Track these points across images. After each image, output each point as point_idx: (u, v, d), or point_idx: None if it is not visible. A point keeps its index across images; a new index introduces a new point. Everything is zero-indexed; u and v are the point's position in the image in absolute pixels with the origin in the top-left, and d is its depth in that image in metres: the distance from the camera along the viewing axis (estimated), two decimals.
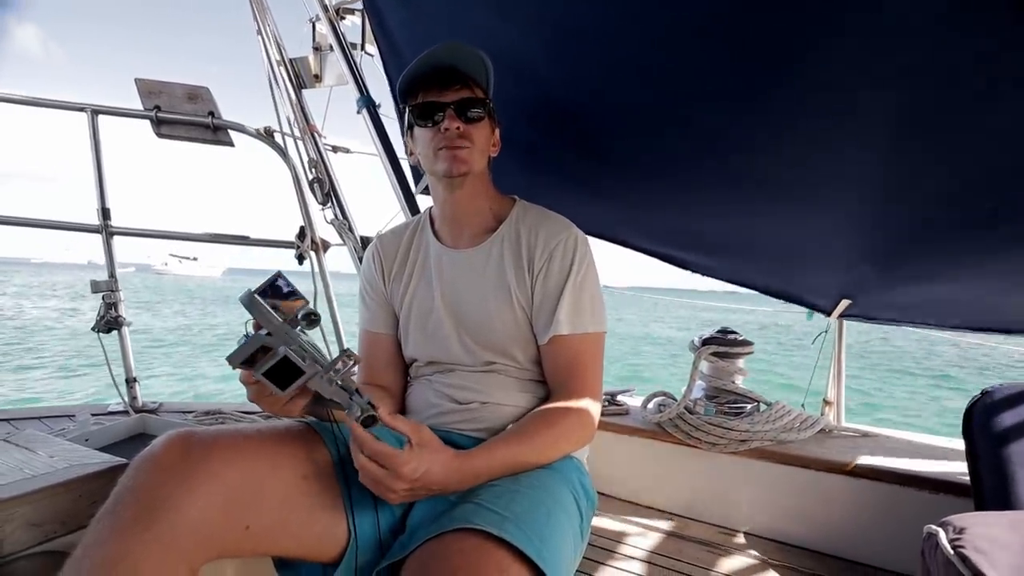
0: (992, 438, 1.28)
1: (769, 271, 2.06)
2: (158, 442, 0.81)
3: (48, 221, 2.03)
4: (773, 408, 1.92)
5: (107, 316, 1.95)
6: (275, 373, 0.75)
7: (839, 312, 2.04)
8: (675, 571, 1.59)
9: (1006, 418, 1.28)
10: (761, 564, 1.64)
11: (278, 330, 0.75)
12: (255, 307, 0.74)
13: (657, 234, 2.10)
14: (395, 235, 1.28)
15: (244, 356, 0.75)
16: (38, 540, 1.05)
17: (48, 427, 1.66)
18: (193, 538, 0.76)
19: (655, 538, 1.77)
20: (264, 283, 0.77)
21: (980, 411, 1.32)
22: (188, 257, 77.84)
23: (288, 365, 0.75)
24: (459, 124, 1.06)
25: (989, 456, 1.27)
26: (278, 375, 0.76)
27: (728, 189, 1.62)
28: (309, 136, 1.97)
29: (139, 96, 1.95)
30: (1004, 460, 1.24)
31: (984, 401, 1.33)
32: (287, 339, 0.75)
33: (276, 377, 0.76)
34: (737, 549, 1.72)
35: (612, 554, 1.68)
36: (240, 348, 0.75)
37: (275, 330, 0.74)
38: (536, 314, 1.11)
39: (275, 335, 0.75)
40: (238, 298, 0.75)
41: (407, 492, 0.84)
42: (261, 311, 0.74)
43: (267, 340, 0.75)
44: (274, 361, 0.75)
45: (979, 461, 1.29)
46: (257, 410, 1.87)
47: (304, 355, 0.76)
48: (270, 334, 0.75)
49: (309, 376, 0.77)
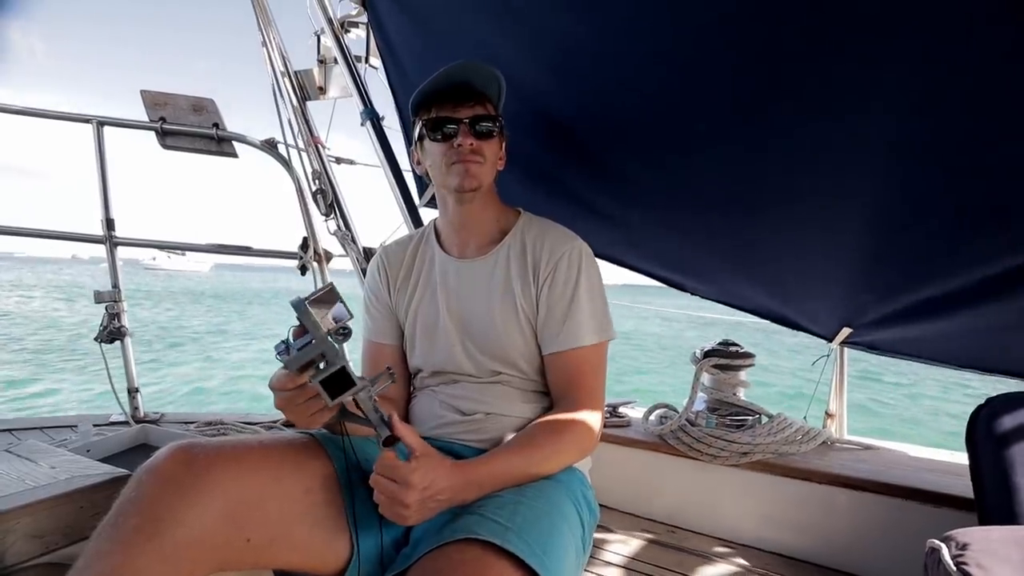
0: (996, 450, 1.26)
1: (768, 296, 2.04)
2: (160, 454, 0.82)
3: (52, 232, 2.04)
4: (775, 420, 1.92)
5: (110, 326, 1.96)
6: (329, 382, 0.77)
7: (840, 340, 2.03)
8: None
9: (1010, 429, 1.26)
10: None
11: (321, 340, 0.76)
12: (306, 315, 0.75)
13: (654, 255, 2.10)
14: (400, 246, 1.29)
15: (302, 362, 0.77)
16: (40, 552, 1.05)
17: (50, 437, 1.66)
18: (195, 550, 0.76)
19: (657, 550, 1.76)
20: (317, 292, 0.78)
21: (983, 422, 1.30)
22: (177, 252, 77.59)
23: (343, 376, 0.77)
24: (472, 140, 1.08)
25: (992, 468, 1.25)
26: (331, 385, 0.77)
27: (727, 212, 1.62)
28: (313, 148, 1.98)
29: (144, 108, 1.97)
30: (1008, 473, 1.22)
31: (987, 412, 1.31)
32: (330, 350, 0.76)
33: (329, 386, 0.77)
34: (738, 562, 1.71)
35: (614, 566, 1.67)
36: (299, 354, 0.77)
37: (319, 339, 0.76)
38: (541, 325, 1.11)
39: (319, 344, 0.76)
40: (289, 302, 0.76)
41: (418, 504, 0.84)
42: (311, 320, 0.75)
43: (322, 349, 0.76)
44: (332, 371, 0.76)
45: (982, 474, 1.27)
46: (260, 421, 1.87)
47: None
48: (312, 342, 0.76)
49: (359, 389, 0.78)
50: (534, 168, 1.78)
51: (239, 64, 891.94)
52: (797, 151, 1.32)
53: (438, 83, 1.07)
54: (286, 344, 0.78)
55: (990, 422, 1.29)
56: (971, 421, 1.33)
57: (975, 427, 1.31)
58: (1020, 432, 1.26)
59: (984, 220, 1.28)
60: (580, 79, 1.42)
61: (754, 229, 1.65)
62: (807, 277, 1.81)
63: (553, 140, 1.65)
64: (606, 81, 1.38)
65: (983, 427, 1.30)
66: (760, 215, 1.57)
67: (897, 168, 1.25)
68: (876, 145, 1.21)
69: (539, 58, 1.44)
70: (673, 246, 1.96)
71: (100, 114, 1.97)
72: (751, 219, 1.60)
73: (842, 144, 1.24)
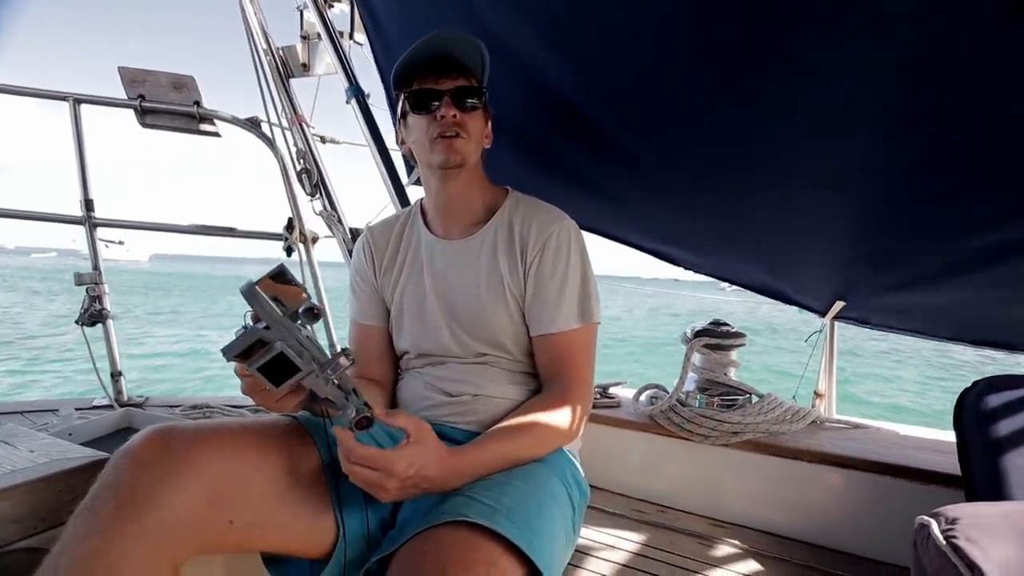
0: (983, 429, 1.27)
1: (761, 269, 2.04)
2: (137, 437, 0.80)
3: (30, 212, 1.99)
4: (765, 400, 1.92)
5: (91, 309, 1.91)
6: (270, 368, 0.72)
7: (832, 314, 2.03)
8: (667, 563, 1.59)
9: (997, 409, 1.27)
10: (753, 556, 1.64)
11: (277, 324, 0.72)
12: (255, 299, 0.71)
13: (646, 229, 2.08)
14: (386, 226, 1.26)
15: (239, 349, 0.72)
16: (18, 536, 1.03)
17: (31, 421, 1.63)
18: (174, 532, 0.74)
19: (647, 530, 1.77)
20: (266, 274, 0.73)
21: (971, 402, 1.31)
22: (114, 241, 71.00)
23: (284, 361, 0.72)
24: (456, 112, 1.05)
25: (980, 447, 1.26)
26: (273, 371, 0.73)
27: (720, 184, 1.61)
28: (297, 126, 1.94)
29: (122, 85, 1.91)
30: (995, 451, 1.23)
31: (975, 392, 1.32)
32: (286, 333, 0.72)
33: (271, 372, 0.73)
34: (729, 541, 1.72)
35: (604, 547, 1.67)
36: (236, 340, 0.72)
37: (274, 324, 0.72)
38: (528, 306, 1.09)
39: (273, 329, 0.72)
40: (239, 288, 0.72)
41: (399, 490, 0.83)
42: (261, 303, 0.71)
43: (264, 334, 0.72)
44: (269, 356, 0.71)
45: (970, 452, 1.29)
46: (246, 404, 1.84)
47: (302, 351, 0.73)
48: (267, 327, 0.72)
49: (304, 374, 0.74)
50: (526, 141, 1.75)
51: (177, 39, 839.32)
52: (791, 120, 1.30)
53: (419, 55, 1.04)
54: (244, 329, 0.74)
55: (978, 403, 1.30)
56: (959, 402, 1.34)
57: (963, 408, 1.33)
58: (1006, 412, 1.27)
59: (976, 187, 1.27)
60: (574, 49, 1.38)
61: (749, 201, 1.64)
62: (800, 249, 1.81)
63: (546, 112, 1.62)
64: (602, 51, 1.35)
65: (971, 408, 1.31)
66: (756, 187, 1.56)
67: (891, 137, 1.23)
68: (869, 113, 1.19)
69: (532, 29, 1.40)
70: (667, 219, 1.95)
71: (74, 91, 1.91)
72: (747, 191, 1.59)
73: (836, 113, 1.23)
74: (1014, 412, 1.27)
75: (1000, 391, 1.30)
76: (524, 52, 1.46)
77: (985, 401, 1.30)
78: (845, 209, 1.51)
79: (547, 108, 1.61)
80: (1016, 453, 1.20)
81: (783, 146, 1.39)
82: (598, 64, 1.40)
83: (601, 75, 1.43)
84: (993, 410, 1.29)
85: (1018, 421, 1.25)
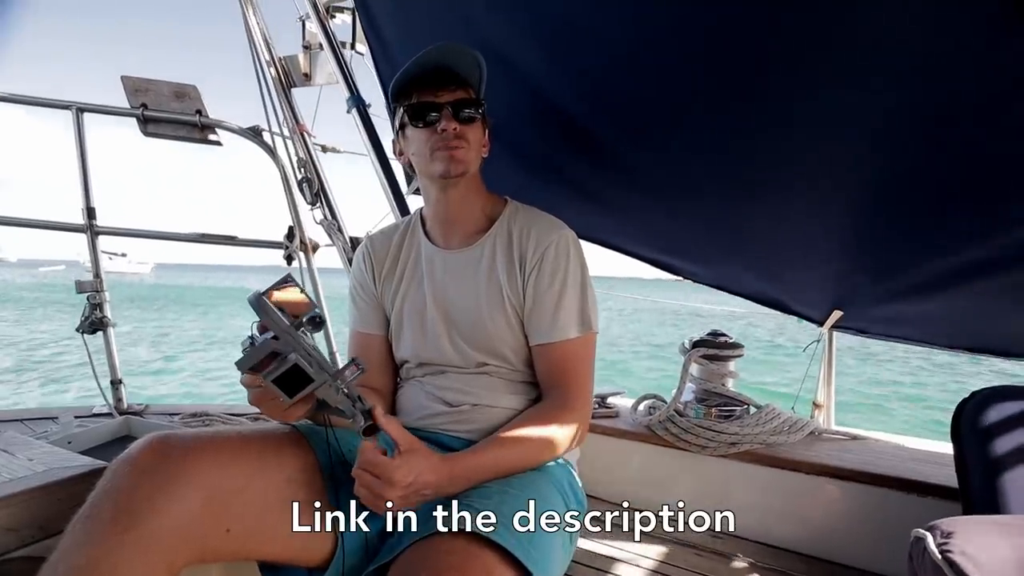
0: (981, 441, 1.27)
1: (759, 278, 2.04)
2: (135, 445, 0.80)
3: (33, 220, 2.00)
4: (763, 411, 1.92)
5: (92, 317, 1.92)
6: (284, 380, 0.74)
7: (830, 324, 2.03)
8: (663, 574, 1.58)
9: (995, 421, 1.27)
10: (750, 567, 1.63)
11: (285, 333, 0.73)
12: (263, 309, 0.72)
13: (644, 239, 2.08)
14: (385, 236, 1.27)
15: (253, 362, 0.73)
16: (16, 545, 1.03)
17: (30, 429, 1.63)
18: (172, 540, 0.74)
19: (644, 541, 1.76)
20: (273, 285, 0.75)
21: (969, 413, 1.30)
22: (117, 253, 69.06)
23: (298, 372, 0.74)
24: (455, 125, 1.06)
25: (977, 460, 1.26)
26: (286, 382, 0.74)
27: (719, 193, 1.61)
28: (298, 135, 1.95)
29: (125, 94, 1.92)
30: (992, 464, 1.23)
31: (974, 403, 1.31)
32: (295, 343, 0.73)
33: (284, 383, 0.74)
34: (726, 552, 1.71)
35: (601, 557, 1.67)
36: (249, 353, 0.73)
37: (282, 334, 0.72)
38: (528, 316, 1.10)
39: (281, 339, 0.73)
40: (246, 299, 0.73)
41: (401, 500, 0.83)
42: (270, 314, 0.72)
43: (276, 345, 0.73)
44: (284, 368, 0.73)
45: (967, 465, 1.28)
46: (245, 412, 1.85)
47: (311, 361, 0.74)
48: (275, 337, 0.73)
49: (318, 384, 0.76)
50: (525, 150, 1.76)
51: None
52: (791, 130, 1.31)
53: (417, 67, 1.05)
54: (251, 340, 0.75)
55: (975, 415, 1.30)
56: (956, 414, 1.33)
57: (960, 419, 1.32)
58: (1004, 425, 1.27)
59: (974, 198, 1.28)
60: (573, 59, 1.39)
61: (748, 211, 1.64)
62: (800, 258, 1.80)
63: (545, 122, 1.63)
64: (600, 61, 1.36)
65: (968, 419, 1.30)
66: (755, 197, 1.56)
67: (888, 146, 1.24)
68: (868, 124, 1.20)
69: (531, 38, 1.41)
70: (666, 228, 1.95)
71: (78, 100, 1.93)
72: (745, 201, 1.60)
73: (834, 122, 1.23)
74: (1012, 424, 1.26)
75: (998, 403, 1.29)
76: (523, 62, 1.47)
77: (983, 413, 1.29)
78: (843, 219, 1.52)
79: (546, 118, 1.62)
80: (1014, 466, 1.20)
81: (782, 156, 1.40)
82: (596, 74, 1.41)
83: (599, 85, 1.44)
84: (991, 422, 1.28)
85: (1016, 434, 1.24)
